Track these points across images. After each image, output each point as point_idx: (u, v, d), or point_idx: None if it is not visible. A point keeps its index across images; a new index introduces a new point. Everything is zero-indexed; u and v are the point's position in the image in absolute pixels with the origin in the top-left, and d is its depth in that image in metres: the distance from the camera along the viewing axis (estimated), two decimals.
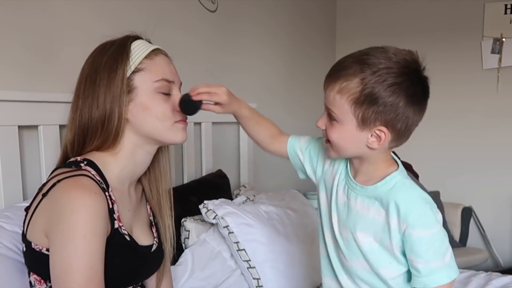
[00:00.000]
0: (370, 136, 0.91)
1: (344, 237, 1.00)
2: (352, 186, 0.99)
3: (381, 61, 0.87)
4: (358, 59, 0.89)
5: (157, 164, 1.11)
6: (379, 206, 0.95)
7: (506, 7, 3.03)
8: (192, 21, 1.98)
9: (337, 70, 0.92)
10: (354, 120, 0.90)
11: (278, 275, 1.54)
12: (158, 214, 1.13)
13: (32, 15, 1.31)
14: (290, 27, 2.83)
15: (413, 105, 0.89)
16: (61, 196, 0.87)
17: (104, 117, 0.95)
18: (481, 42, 3.09)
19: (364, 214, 0.96)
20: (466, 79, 3.14)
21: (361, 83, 0.87)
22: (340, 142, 0.94)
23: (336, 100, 0.91)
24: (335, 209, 1.03)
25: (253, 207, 1.70)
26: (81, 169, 0.92)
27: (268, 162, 2.63)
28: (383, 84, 0.86)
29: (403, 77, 0.87)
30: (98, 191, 0.89)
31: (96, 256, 0.86)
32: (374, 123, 0.89)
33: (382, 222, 0.94)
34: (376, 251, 0.96)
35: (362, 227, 0.97)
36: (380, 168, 0.97)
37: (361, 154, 0.96)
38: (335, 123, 0.93)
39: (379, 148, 0.93)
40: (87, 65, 0.99)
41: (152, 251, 1.06)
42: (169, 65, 1.03)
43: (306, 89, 3.09)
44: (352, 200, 0.99)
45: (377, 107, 0.87)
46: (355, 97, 0.88)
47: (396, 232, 0.93)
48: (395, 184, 0.94)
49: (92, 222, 0.86)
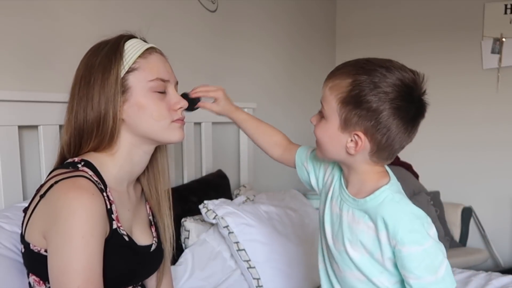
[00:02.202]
0: (350, 141, 0.91)
1: (337, 249, 1.00)
2: (345, 197, 0.98)
3: (379, 70, 0.88)
4: (358, 63, 0.91)
5: (155, 163, 1.11)
6: (368, 220, 0.93)
7: (506, 7, 3.03)
8: (192, 21, 1.98)
9: (337, 69, 0.94)
10: (338, 119, 0.91)
11: (278, 275, 1.54)
12: (158, 213, 1.12)
13: (32, 15, 1.31)
14: (290, 27, 2.83)
15: (399, 119, 0.87)
16: (59, 197, 0.87)
17: (99, 118, 0.94)
18: (481, 42, 3.09)
19: (354, 227, 0.95)
20: (466, 79, 3.14)
21: (351, 84, 0.88)
22: (323, 140, 0.95)
23: (326, 96, 0.93)
24: (328, 220, 1.02)
25: (253, 207, 1.70)
26: (79, 170, 0.92)
27: (268, 162, 2.62)
28: (371, 90, 0.86)
29: (394, 88, 0.86)
30: (96, 192, 0.89)
31: (94, 257, 0.86)
32: (354, 127, 0.89)
33: (372, 236, 0.93)
34: (367, 263, 0.95)
35: (353, 239, 0.95)
36: (370, 180, 0.95)
37: (342, 159, 0.96)
38: (323, 121, 0.94)
39: (356, 155, 0.92)
40: (81, 65, 0.99)
41: (152, 251, 1.06)
42: (164, 64, 1.02)
43: (305, 90, 3.08)
44: (344, 212, 0.98)
45: (360, 110, 0.87)
46: (342, 96, 0.89)
47: (387, 246, 0.91)
48: (384, 199, 0.92)
49: (89, 223, 0.85)
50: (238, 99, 2.29)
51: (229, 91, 2.37)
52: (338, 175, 1.04)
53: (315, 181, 1.12)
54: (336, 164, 1.05)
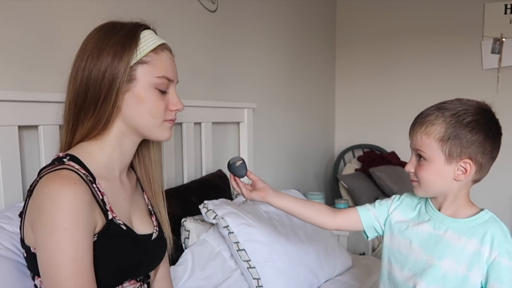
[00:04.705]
0: (457, 170, 1.04)
1: (429, 264, 1.08)
2: (439, 218, 1.10)
3: (458, 105, 1.04)
4: (437, 107, 1.06)
5: (147, 152, 1.12)
6: (471, 236, 1.05)
7: (506, 7, 3.03)
8: (192, 21, 1.98)
9: (421, 117, 1.07)
10: (442, 155, 1.03)
11: (278, 275, 1.54)
12: (154, 203, 1.13)
13: (32, 15, 1.31)
14: (290, 27, 2.83)
15: (491, 139, 1.03)
16: (41, 189, 0.87)
17: (98, 98, 0.94)
18: (481, 42, 3.09)
19: (453, 244, 1.06)
20: (466, 79, 3.14)
21: (444, 123, 1.02)
22: (430, 178, 1.06)
23: (423, 141, 1.05)
24: (416, 242, 1.11)
25: (253, 207, 1.70)
26: (64, 164, 0.92)
27: (268, 162, 2.63)
28: (463, 122, 1.01)
29: (479, 115, 1.02)
30: (79, 181, 0.88)
31: (81, 248, 0.85)
32: (460, 156, 1.02)
33: (472, 251, 1.04)
34: (459, 279, 1.05)
35: (451, 254, 1.06)
36: (463, 203, 1.09)
37: (448, 189, 1.07)
38: (424, 162, 1.06)
39: (465, 180, 1.05)
40: (92, 42, 0.96)
41: (153, 239, 1.06)
42: (172, 63, 1.02)
43: (306, 88, 3.09)
44: (441, 232, 1.09)
45: (460, 141, 1.01)
46: (440, 135, 1.02)
47: (484, 261, 1.03)
48: (489, 218, 1.06)
49: (73, 214, 0.84)
50: (238, 99, 2.30)
51: (229, 92, 2.38)
52: (414, 203, 1.17)
53: (380, 228, 1.22)
54: (407, 196, 1.20)
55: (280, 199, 1.23)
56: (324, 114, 3.46)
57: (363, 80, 3.50)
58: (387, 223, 1.20)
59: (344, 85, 3.58)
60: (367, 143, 3.45)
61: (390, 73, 3.39)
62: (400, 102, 3.34)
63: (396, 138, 3.21)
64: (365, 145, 3.43)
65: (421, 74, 3.28)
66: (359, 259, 2.08)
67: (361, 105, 3.53)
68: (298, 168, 3.02)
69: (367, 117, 3.51)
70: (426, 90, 3.17)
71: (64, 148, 1.00)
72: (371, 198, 2.79)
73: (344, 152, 3.42)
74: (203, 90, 2.07)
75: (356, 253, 2.39)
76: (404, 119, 1.47)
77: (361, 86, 3.52)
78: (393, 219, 1.18)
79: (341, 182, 3.01)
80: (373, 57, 3.44)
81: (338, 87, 3.61)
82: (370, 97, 3.49)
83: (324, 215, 1.23)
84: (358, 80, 3.52)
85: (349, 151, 3.43)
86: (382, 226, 1.21)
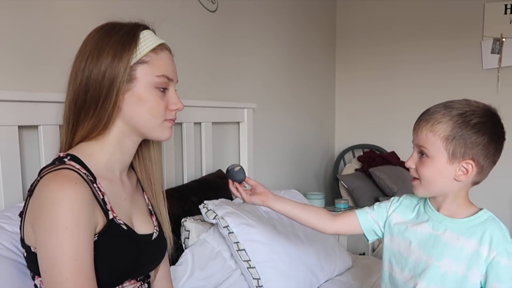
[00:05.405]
0: (458, 170, 1.03)
1: (428, 264, 1.08)
2: (438, 219, 1.10)
3: (465, 105, 1.03)
4: (444, 105, 1.05)
5: (147, 153, 1.12)
6: (470, 236, 1.05)
7: (506, 7, 3.03)
8: (192, 21, 1.98)
9: (427, 114, 1.06)
10: (445, 154, 1.02)
11: (278, 275, 1.54)
12: (155, 203, 1.13)
13: (31, 15, 1.31)
14: (290, 26, 2.83)
15: (495, 143, 1.03)
16: (42, 189, 0.87)
17: (99, 98, 0.94)
18: (481, 42, 3.09)
19: (452, 244, 1.06)
20: (466, 79, 3.14)
21: (451, 122, 1.02)
22: (430, 176, 1.05)
23: (428, 137, 1.04)
24: (415, 242, 1.11)
25: (253, 207, 1.70)
26: (65, 163, 0.92)
27: (268, 162, 2.63)
28: (470, 123, 1.01)
29: (486, 117, 1.02)
30: (79, 181, 0.88)
31: (81, 247, 0.85)
32: (463, 157, 1.02)
33: (471, 251, 1.04)
34: (459, 279, 1.05)
35: (450, 254, 1.06)
36: (462, 203, 1.09)
37: (448, 189, 1.07)
38: (426, 160, 1.05)
39: (465, 181, 1.05)
40: (91, 42, 0.97)
41: (153, 239, 1.06)
42: (171, 62, 1.03)
43: (306, 88, 3.09)
44: (440, 232, 1.08)
45: (464, 142, 1.01)
46: (446, 134, 1.02)
47: (482, 260, 1.03)
48: (487, 218, 1.06)
49: (73, 213, 0.84)
50: (238, 99, 2.30)
51: (229, 92, 2.38)
52: (413, 204, 1.17)
53: (380, 230, 1.22)
54: (405, 198, 1.20)
55: (280, 203, 1.24)
56: (324, 114, 3.46)
57: (362, 80, 3.50)
58: (386, 225, 1.20)
59: (344, 85, 3.58)
60: (367, 143, 3.45)
61: (390, 73, 3.39)
62: (400, 102, 3.34)
63: (396, 138, 3.21)
64: (365, 145, 3.43)
65: (420, 74, 3.28)
66: (359, 259, 2.08)
67: (361, 105, 3.54)
68: (298, 168, 3.02)
69: (367, 117, 3.51)
70: (426, 90, 3.18)
71: (64, 148, 1.00)
72: (371, 198, 2.79)
73: (344, 152, 3.42)
74: (203, 90, 2.07)
75: (356, 253, 2.39)
76: (404, 119, 1.48)
77: (361, 86, 3.52)
78: (392, 221, 1.18)
79: (341, 182, 3.01)
80: (373, 57, 3.44)
81: (338, 87, 3.61)
82: (370, 97, 3.49)
83: (323, 219, 1.24)
84: (357, 80, 3.52)
85: (349, 151, 3.43)
86: (382, 229, 1.21)
